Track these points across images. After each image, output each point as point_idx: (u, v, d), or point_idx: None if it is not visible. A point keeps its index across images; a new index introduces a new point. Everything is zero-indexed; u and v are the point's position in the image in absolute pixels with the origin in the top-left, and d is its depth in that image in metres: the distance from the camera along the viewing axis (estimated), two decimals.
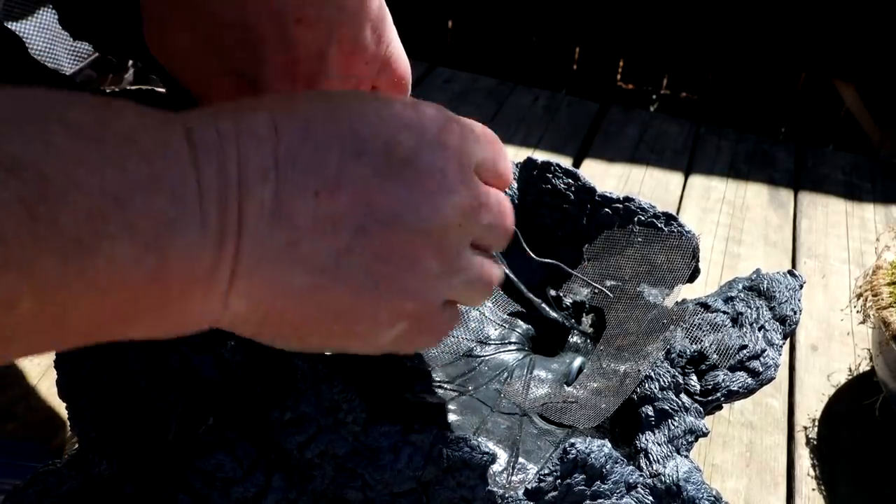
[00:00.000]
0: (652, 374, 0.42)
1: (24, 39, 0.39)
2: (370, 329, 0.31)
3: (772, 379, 0.43)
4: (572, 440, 0.36)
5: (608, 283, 0.51)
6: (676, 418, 0.40)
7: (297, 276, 0.29)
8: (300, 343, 0.31)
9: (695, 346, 0.44)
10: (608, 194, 0.52)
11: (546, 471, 0.35)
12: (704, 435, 0.40)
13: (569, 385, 0.45)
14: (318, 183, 0.28)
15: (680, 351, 0.43)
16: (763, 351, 0.43)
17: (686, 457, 0.39)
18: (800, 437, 0.69)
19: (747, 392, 0.43)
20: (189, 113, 0.28)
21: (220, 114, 0.28)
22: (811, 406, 0.73)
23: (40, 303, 0.23)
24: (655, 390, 0.41)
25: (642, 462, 0.39)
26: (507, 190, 0.53)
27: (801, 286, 0.47)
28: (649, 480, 0.37)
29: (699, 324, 0.45)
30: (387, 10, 0.41)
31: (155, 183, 0.25)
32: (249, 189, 0.27)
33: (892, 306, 0.63)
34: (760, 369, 0.43)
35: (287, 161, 0.28)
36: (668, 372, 0.42)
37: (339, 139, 0.29)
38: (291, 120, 0.29)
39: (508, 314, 0.51)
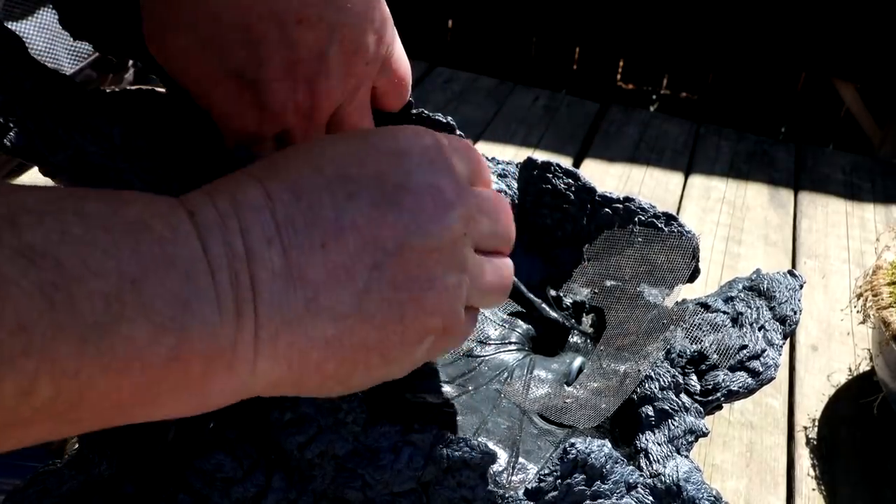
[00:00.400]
0: (652, 374, 0.42)
1: (24, 39, 0.39)
2: (404, 352, 0.32)
3: (772, 379, 0.43)
4: (572, 440, 0.36)
5: (608, 283, 0.51)
6: (676, 418, 0.40)
7: (325, 327, 0.29)
8: (344, 386, 0.32)
9: (695, 346, 0.44)
10: (608, 194, 0.52)
11: (546, 471, 0.35)
12: (704, 435, 0.40)
13: (569, 385, 0.45)
14: (322, 235, 0.29)
15: (680, 351, 0.43)
16: (763, 351, 0.43)
17: (686, 457, 0.39)
18: (800, 437, 0.69)
19: (747, 392, 0.43)
20: (188, 196, 0.29)
21: (216, 193, 0.29)
22: (811, 406, 0.73)
23: (57, 388, 0.23)
24: (655, 390, 0.41)
25: (642, 462, 0.39)
26: (507, 190, 0.53)
27: (801, 286, 0.47)
28: (649, 480, 0.37)
29: (699, 324, 0.45)
30: (387, 10, 0.41)
31: (168, 265, 0.25)
32: (256, 257, 0.28)
33: (892, 306, 0.63)
34: (760, 369, 0.43)
35: (287, 223, 0.29)
36: (668, 372, 0.42)
37: (328, 188, 0.30)
38: (280, 183, 0.30)
39: (508, 314, 0.51)
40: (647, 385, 0.42)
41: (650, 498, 0.36)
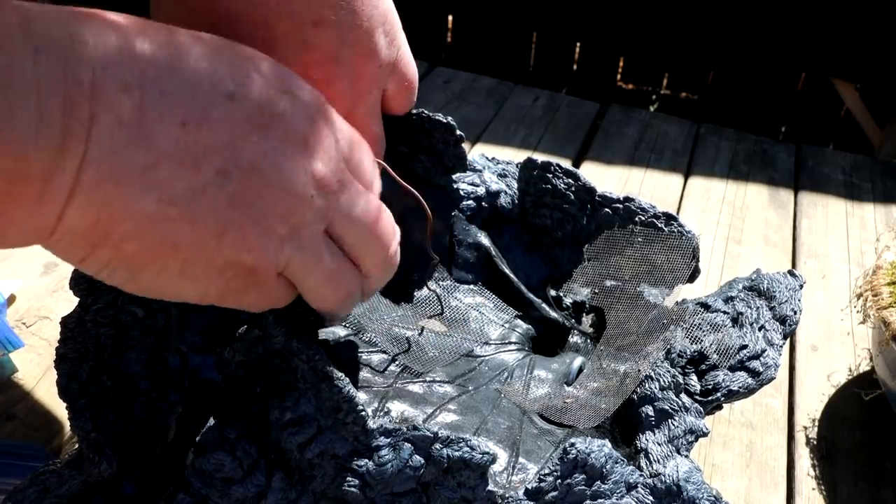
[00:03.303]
0: (652, 374, 0.42)
1: None
2: (204, 272, 0.31)
3: (772, 379, 0.43)
4: (572, 440, 0.36)
5: (608, 283, 0.51)
6: (676, 418, 0.40)
7: (148, 203, 0.28)
8: (127, 276, 0.30)
9: (695, 346, 0.44)
10: (608, 194, 0.52)
11: (546, 471, 0.35)
12: (704, 435, 0.40)
13: (569, 385, 0.45)
14: (186, 113, 0.28)
15: (680, 351, 0.43)
16: (763, 351, 0.43)
17: (686, 457, 0.39)
18: (800, 437, 0.69)
19: (747, 392, 0.43)
20: (33, 4, 0.26)
21: (79, 17, 0.26)
22: (811, 406, 0.73)
23: None
24: (655, 390, 0.41)
25: (642, 462, 0.39)
26: (507, 190, 0.53)
27: (801, 286, 0.47)
28: (649, 480, 0.37)
29: (699, 324, 0.45)
30: (396, 13, 0.41)
31: None
32: (105, 98, 0.26)
33: (892, 306, 0.63)
34: (760, 369, 0.43)
35: (154, 84, 0.27)
36: (669, 372, 0.42)
37: (212, 77, 0.29)
38: (166, 44, 0.28)
39: (508, 315, 0.51)
40: (647, 385, 0.42)
41: (650, 498, 0.36)
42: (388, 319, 0.47)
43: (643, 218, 0.51)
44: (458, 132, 0.49)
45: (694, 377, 0.43)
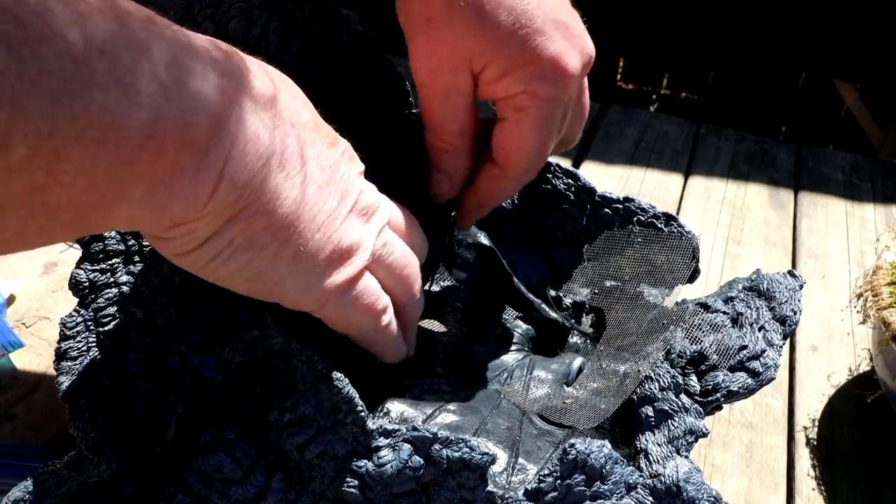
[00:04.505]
0: (652, 374, 0.42)
1: None
2: (311, 260, 0.33)
3: (772, 379, 0.43)
4: (572, 441, 0.36)
5: (608, 283, 0.51)
6: (676, 419, 0.40)
7: (278, 177, 0.31)
8: (245, 260, 0.32)
9: (695, 347, 0.44)
10: (608, 194, 0.52)
11: (546, 471, 0.35)
12: (704, 435, 0.40)
13: (569, 385, 0.45)
14: (307, 110, 0.34)
15: (680, 351, 0.43)
16: (763, 351, 0.43)
17: (686, 457, 0.39)
18: (800, 437, 0.69)
19: (747, 392, 0.43)
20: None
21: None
22: (811, 406, 0.73)
23: (34, 148, 0.23)
24: (655, 391, 0.41)
25: (642, 462, 0.39)
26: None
27: (801, 286, 0.47)
28: (649, 481, 0.37)
29: (699, 324, 0.45)
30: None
31: (140, 48, 0.25)
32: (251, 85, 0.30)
33: (892, 306, 0.63)
34: (760, 370, 0.43)
35: (284, 84, 0.33)
36: (668, 372, 0.42)
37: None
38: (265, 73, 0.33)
39: (508, 315, 0.51)
40: (646, 385, 0.42)
41: (650, 498, 0.36)
42: None
43: (643, 218, 0.51)
44: None
45: (694, 378, 0.43)
